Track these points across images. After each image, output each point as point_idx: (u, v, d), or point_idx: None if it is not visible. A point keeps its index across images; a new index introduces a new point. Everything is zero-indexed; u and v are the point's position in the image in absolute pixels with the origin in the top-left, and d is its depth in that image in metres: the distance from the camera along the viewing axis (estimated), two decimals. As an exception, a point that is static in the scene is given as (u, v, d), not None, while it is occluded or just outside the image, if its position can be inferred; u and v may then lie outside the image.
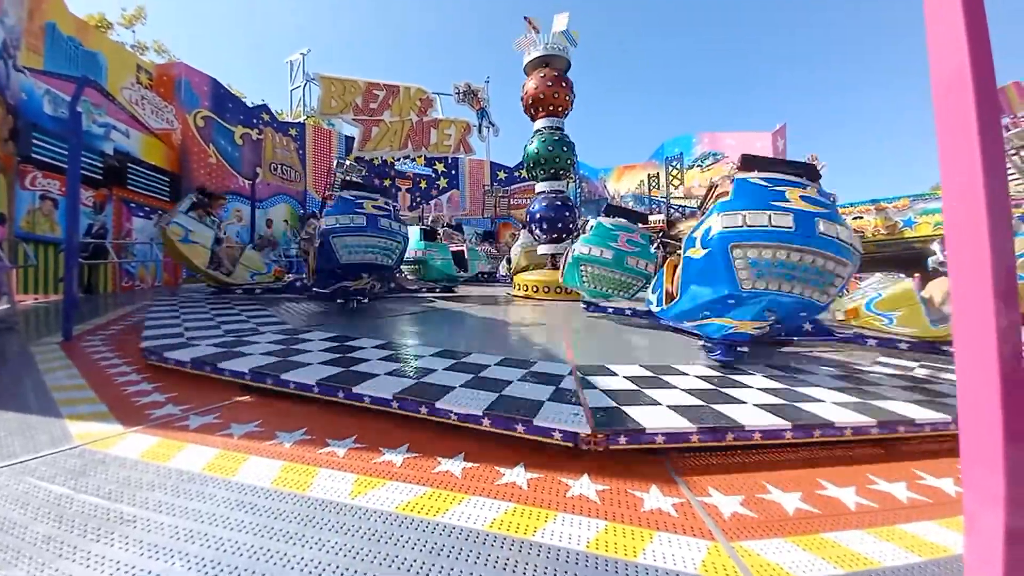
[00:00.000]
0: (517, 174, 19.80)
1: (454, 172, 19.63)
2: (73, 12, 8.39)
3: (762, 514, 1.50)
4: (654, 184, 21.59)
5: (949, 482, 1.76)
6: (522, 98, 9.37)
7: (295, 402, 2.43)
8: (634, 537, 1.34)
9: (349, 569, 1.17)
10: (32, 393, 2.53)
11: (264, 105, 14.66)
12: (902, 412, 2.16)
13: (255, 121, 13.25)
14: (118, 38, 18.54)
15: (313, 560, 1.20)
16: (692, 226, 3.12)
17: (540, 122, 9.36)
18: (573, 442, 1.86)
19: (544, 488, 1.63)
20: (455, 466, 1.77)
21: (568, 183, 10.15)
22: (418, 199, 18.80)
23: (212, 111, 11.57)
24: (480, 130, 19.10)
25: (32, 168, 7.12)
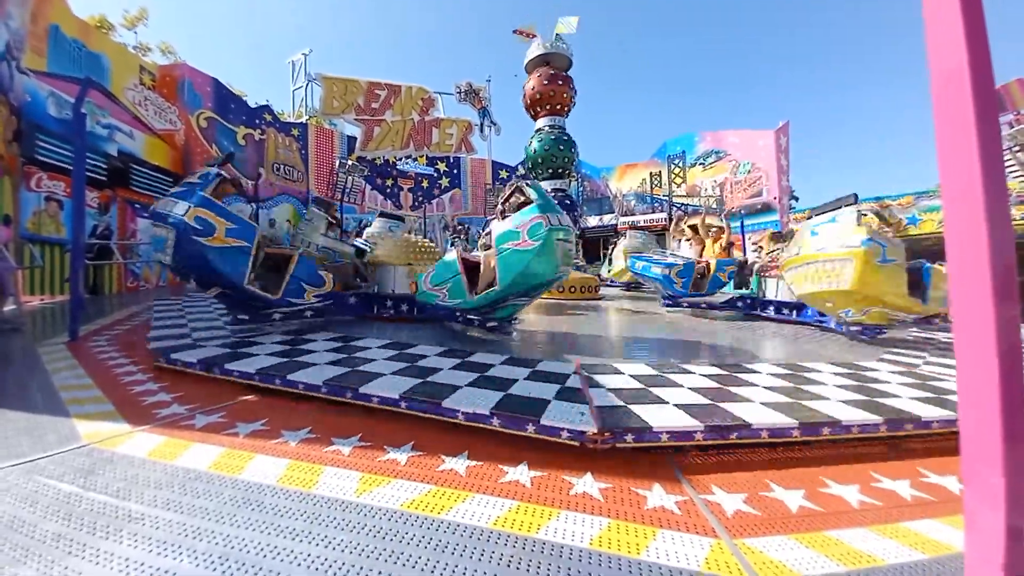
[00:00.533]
0: (519, 173, 19.78)
1: (456, 171, 19.63)
2: (76, 14, 8.44)
3: (765, 512, 1.51)
4: (656, 182, 21.55)
5: (953, 480, 1.76)
6: (523, 97, 9.36)
7: (299, 401, 2.45)
8: (637, 534, 1.35)
9: (355, 566, 1.18)
10: (40, 393, 2.56)
11: (266, 105, 14.72)
12: (911, 410, 2.16)
13: (257, 121, 13.30)
14: (120, 39, 18.58)
15: (319, 557, 1.21)
16: None
17: (541, 121, 9.37)
18: (580, 441, 1.88)
19: (548, 486, 1.63)
20: (459, 464, 1.78)
21: (570, 182, 10.14)
22: (420, 198, 18.81)
23: (215, 112, 11.63)
24: (482, 129, 19.11)
25: (37, 170, 7.18)
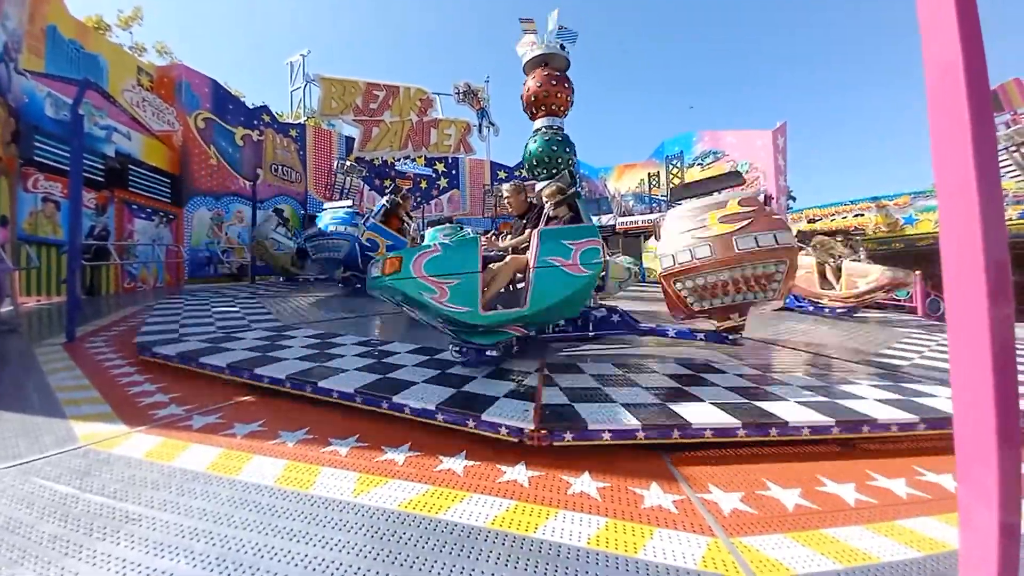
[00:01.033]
0: (517, 173, 19.77)
1: (454, 172, 19.61)
2: (73, 15, 8.42)
3: (762, 510, 1.51)
4: (655, 183, 21.56)
5: (949, 478, 1.77)
6: (522, 97, 9.37)
7: (296, 402, 2.45)
8: (635, 533, 1.35)
9: (352, 566, 1.18)
10: (36, 394, 2.55)
11: (264, 106, 14.66)
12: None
13: (256, 122, 13.26)
14: (115, 40, 18.54)
15: (317, 557, 1.21)
16: None
17: (540, 121, 9.38)
18: (518, 437, 1.90)
19: (545, 486, 1.64)
20: (457, 464, 1.78)
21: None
22: (419, 199, 18.79)
23: (213, 113, 11.59)
24: (480, 130, 19.09)
25: (34, 171, 7.14)
